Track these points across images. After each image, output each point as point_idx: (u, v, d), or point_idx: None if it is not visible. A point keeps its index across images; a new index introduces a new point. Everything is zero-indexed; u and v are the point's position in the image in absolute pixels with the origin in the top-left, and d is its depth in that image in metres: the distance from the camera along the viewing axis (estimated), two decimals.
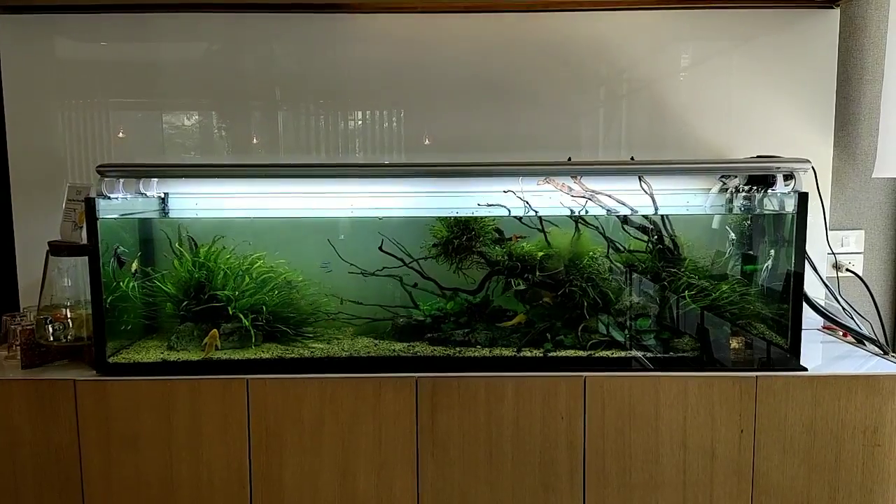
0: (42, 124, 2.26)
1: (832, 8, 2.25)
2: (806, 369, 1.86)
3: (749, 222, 2.07)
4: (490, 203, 2.00)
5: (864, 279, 2.28)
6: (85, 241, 1.89)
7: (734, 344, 1.95)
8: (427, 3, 2.23)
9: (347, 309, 2.14)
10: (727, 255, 2.06)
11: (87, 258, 1.86)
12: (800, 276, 1.85)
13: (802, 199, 1.83)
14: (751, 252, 2.06)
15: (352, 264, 2.12)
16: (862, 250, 2.36)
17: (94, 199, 1.84)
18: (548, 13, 2.25)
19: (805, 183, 1.87)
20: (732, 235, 2.06)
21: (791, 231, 1.86)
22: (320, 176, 2.08)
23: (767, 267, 1.98)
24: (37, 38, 2.24)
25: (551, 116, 2.29)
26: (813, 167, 1.89)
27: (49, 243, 1.94)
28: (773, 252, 1.96)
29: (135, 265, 2.03)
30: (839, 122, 2.31)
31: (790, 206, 1.86)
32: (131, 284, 2.01)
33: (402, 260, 2.11)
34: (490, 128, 2.28)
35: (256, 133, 2.31)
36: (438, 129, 2.30)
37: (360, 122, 2.31)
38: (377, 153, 2.31)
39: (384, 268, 2.12)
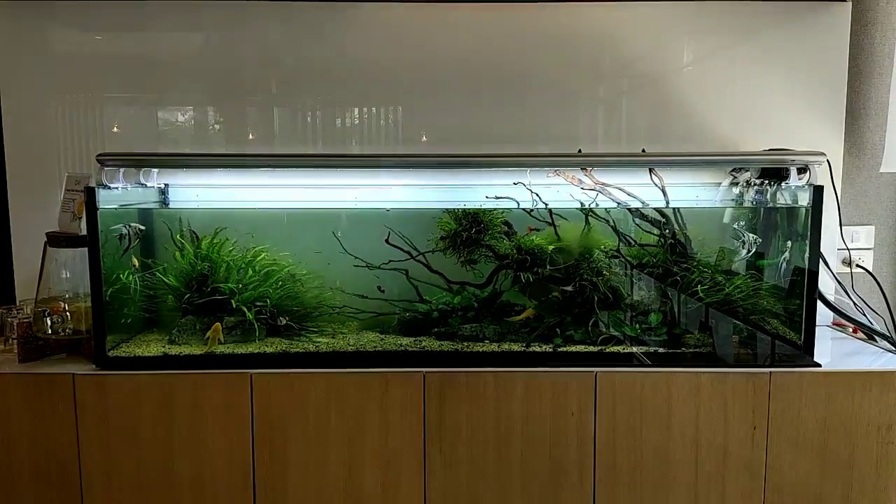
0: (38, 116, 2.21)
1: (843, 1, 2.22)
2: (820, 365, 1.83)
3: (761, 216, 2.04)
4: (498, 196, 1.96)
5: (875, 275, 2.25)
6: (84, 232, 1.84)
7: (747, 339, 1.92)
8: None
9: (352, 303, 2.09)
10: (747, 250, 2.00)
11: (86, 249, 1.82)
12: (814, 271, 1.83)
13: (818, 192, 1.80)
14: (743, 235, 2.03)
15: (357, 257, 2.08)
16: (872, 246, 2.34)
17: (94, 188, 1.79)
18: (552, 4, 2.22)
19: (818, 176, 1.85)
20: (751, 237, 1.99)
21: (805, 225, 1.84)
22: (324, 166, 2.05)
23: (780, 262, 1.95)
24: (32, 28, 2.19)
25: (556, 109, 2.25)
26: (828, 160, 1.86)
27: (47, 234, 1.90)
28: (785, 247, 1.93)
29: (135, 260, 1.98)
30: (849, 116, 2.28)
31: (804, 199, 1.84)
32: (131, 278, 1.96)
33: (408, 253, 2.07)
34: (494, 120, 2.25)
35: (252, 128, 2.27)
36: (441, 122, 2.26)
37: (360, 115, 2.26)
38: (377, 147, 2.26)
39: (390, 261, 2.08)
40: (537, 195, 1.94)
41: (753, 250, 1.95)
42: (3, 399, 1.78)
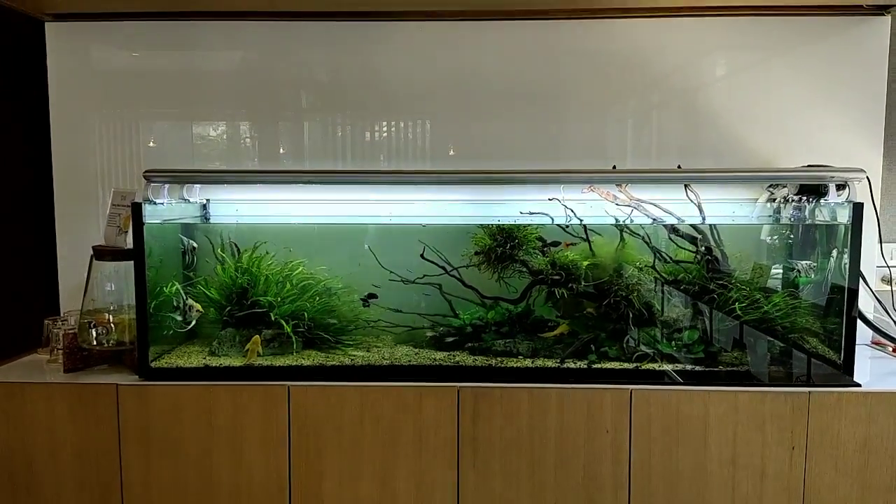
0: (84, 131, 2.28)
1: (883, 15, 2.20)
2: (860, 385, 1.80)
3: (799, 233, 2.02)
4: (532, 211, 1.97)
5: None
6: (129, 246, 1.90)
7: (785, 358, 1.90)
8: (462, 11, 2.22)
9: (387, 317, 2.12)
10: (804, 277, 1.98)
11: (130, 263, 1.87)
12: (854, 289, 1.80)
13: (857, 209, 1.78)
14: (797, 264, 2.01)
15: (392, 272, 2.10)
16: None
17: (140, 203, 1.84)
18: (584, 20, 2.23)
19: (858, 193, 1.83)
20: (804, 264, 1.96)
21: (844, 242, 1.81)
22: (361, 182, 2.07)
23: (820, 280, 1.92)
24: (81, 48, 2.27)
25: (587, 124, 2.26)
26: (868, 177, 1.84)
27: (93, 248, 1.95)
28: (824, 264, 1.91)
29: (198, 306, 1.99)
30: (889, 131, 2.25)
31: (843, 216, 1.82)
32: (189, 317, 2.00)
33: (443, 268, 2.09)
34: (526, 136, 2.26)
35: (283, 143, 2.31)
36: (473, 138, 2.28)
37: (390, 130, 2.29)
38: (407, 162, 2.29)
39: (424, 276, 2.10)
40: (572, 211, 1.94)
41: (810, 277, 1.93)
42: (49, 408, 1.84)
